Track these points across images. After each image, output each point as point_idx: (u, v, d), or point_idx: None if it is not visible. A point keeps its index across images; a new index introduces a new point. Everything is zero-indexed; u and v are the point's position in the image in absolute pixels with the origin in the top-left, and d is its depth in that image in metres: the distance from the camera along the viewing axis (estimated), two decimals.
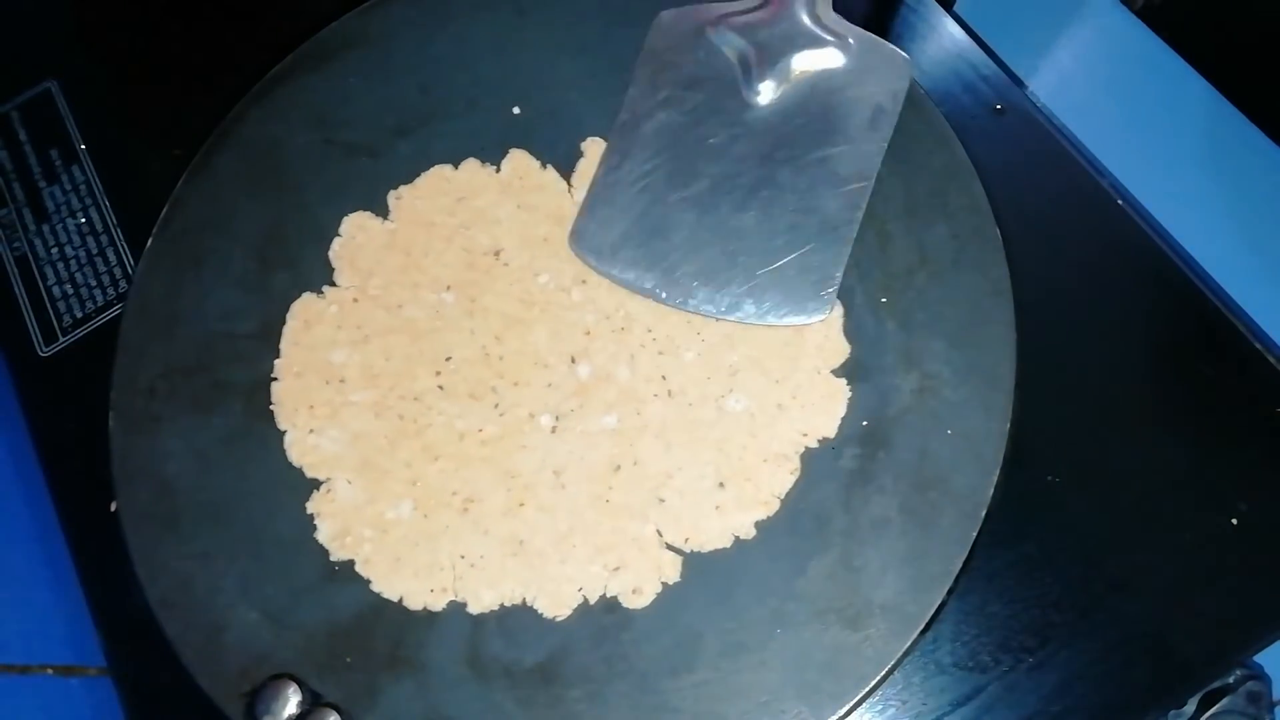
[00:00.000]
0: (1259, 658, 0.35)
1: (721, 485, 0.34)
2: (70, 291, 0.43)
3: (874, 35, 0.37)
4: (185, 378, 0.37)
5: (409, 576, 0.34)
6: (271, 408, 0.36)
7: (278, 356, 0.37)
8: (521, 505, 0.34)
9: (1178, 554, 0.34)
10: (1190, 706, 0.34)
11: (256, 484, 0.36)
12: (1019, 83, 0.42)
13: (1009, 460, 0.33)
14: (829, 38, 0.37)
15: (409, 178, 0.40)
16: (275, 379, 0.37)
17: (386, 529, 0.34)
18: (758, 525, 0.33)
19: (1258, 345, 0.36)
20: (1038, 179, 0.40)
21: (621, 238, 0.36)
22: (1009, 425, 0.33)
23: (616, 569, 0.33)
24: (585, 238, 0.37)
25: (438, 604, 0.33)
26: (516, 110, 0.40)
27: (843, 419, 0.34)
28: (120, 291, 0.43)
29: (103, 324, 0.42)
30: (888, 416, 0.34)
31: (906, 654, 0.31)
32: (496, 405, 0.35)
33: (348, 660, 0.33)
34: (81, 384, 0.41)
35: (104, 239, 0.44)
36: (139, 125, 0.47)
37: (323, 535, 0.35)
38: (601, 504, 0.34)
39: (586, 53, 0.41)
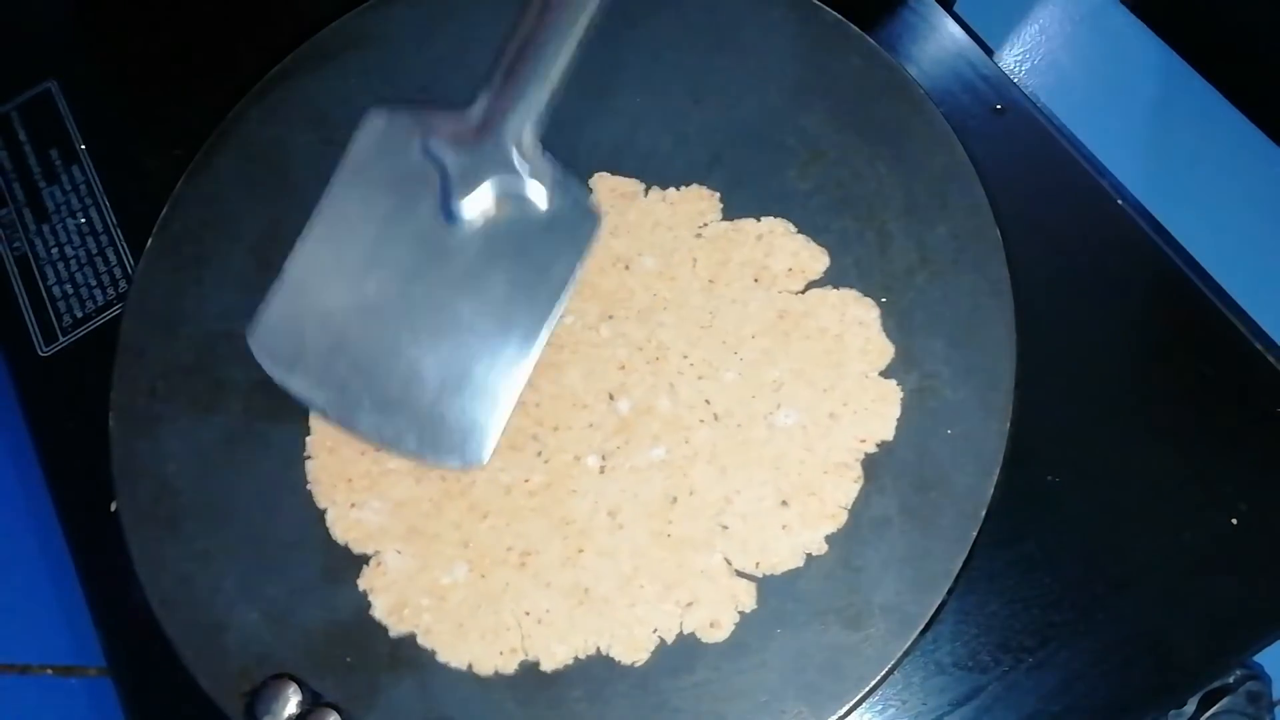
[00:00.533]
0: (1259, 658, 0.35)
1: (785, 503, 0.33)
2: (70, 291, 0.43)
3: (577, 183, 0.36)
4: (185, 378, 0.37)
5: (475, 641, 0.33)
6: (309, 487, 0.36)
7: (309, 434, 0.36)
8: (580, 551, 0.33)
9: (1178, 554, 0.34)
10: (1190, 706, 0.34)
11: (256, 484, 0.36)
12: (1019, 83, 0.42)
13: (1009, 460, 0.33)
14: (529, 174, 0.35)
15: None
16: (309, 457, 0.36)
17: (444, 595, 0.33)
18: (828, 539, 0.33)
19: (1258, 345, 0.36)
20: (1038, 179, 0.40)
21: (298, 346, 0.35)
22: (1009, 425, 0.33)
23: (690, 604, 0.32)
24: (262, 338, 0.35)
25: (509, 667, 0.32)
26: None
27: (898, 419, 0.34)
28: (120, 291, 0.43)
29: (103, 324, 0.42)
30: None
31: (906, 654, 0.31)
32: (540, 453, 0.35)
33: (348, 660, 0.33)
34: (81, 384, 0.41)
35: (104, 239, 0.44)
36: (139, 125, 0.47)
37: (379, 612, 0.33)
38: (663, 539, 0.33)
39: (587, 51, 0.41)
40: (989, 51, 0.42)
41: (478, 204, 0.35)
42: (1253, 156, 0.45)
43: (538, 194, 0.35)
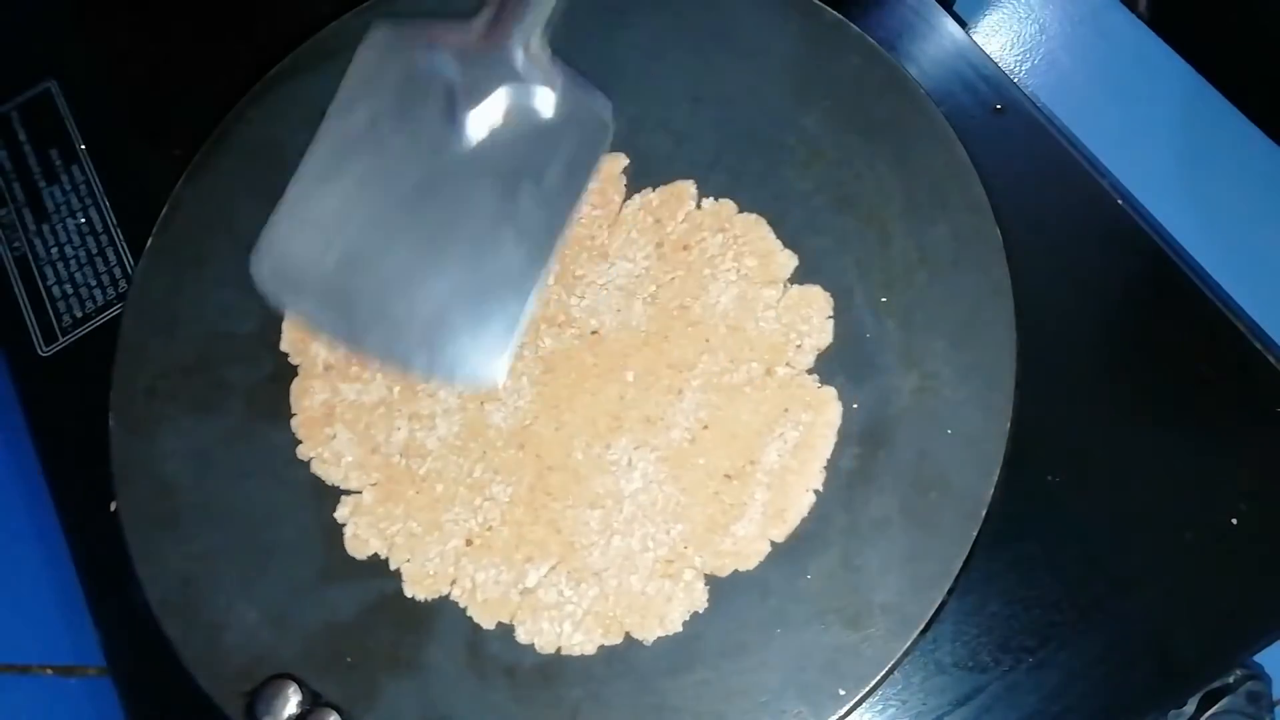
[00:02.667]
0: (1259, 658, 0.35)
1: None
2: (70, 291, 0.43)
3: (588, 85, 0.35)
4: (185, 378, 0.37)
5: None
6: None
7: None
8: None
9: (1178, 554, 0.34)
10: (1190, 706, 0.34)
11: (256, 484, 0.36)
12: (1019, 83, 0.42)
13: (1009, 460, 0.33)
14: (540, 79, 0.34)
15: None
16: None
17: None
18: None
19: (1258, 345, 0.36)
20: (1038, 179, 0.40)
21: (304, 268, 0.34)
22: (1009, 425, 0.33)
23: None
24: (267, 261, 0.34)
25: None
26: None
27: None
28: (120, 291, 0.43)
29: (103, 324, 0.42)
30: (888, 416, 0.34)
31: (906, 654, 0.31)
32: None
33: (348, 660, 0.33)
34: (81, 384, 0.41)
35: (104, 239, 0.44)
36: (139, 125, 0.47)
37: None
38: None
39: (585, 52, 0.41)
40: (988, 52, 0.42)
41: (486, 114, 0.34)
42: (1253, 156, 0.45)
43: (546, 101, 0.35)
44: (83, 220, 0.45)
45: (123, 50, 0.49)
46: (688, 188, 0.38)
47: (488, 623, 0.33)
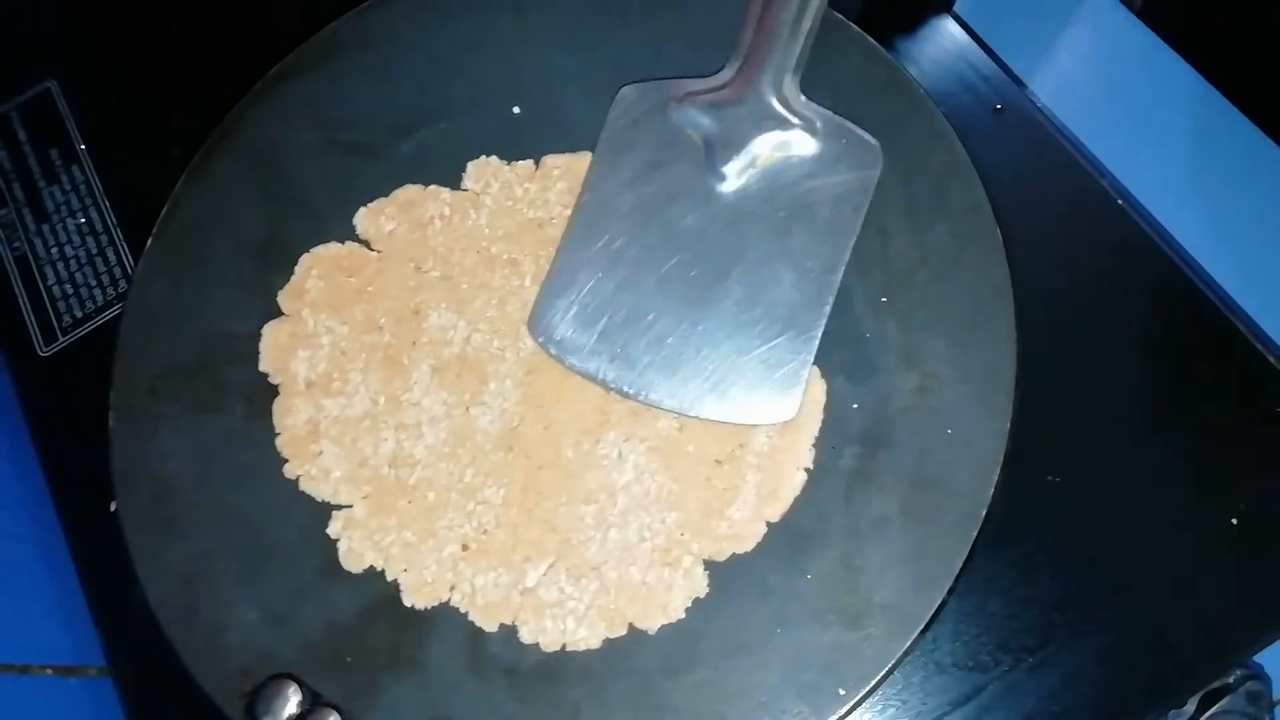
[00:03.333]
0: (1259, 658, 0.35)
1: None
2: (70, 291, 0.43)
3: (845, 121, 0.36)
4: (185, 378, 0.37)
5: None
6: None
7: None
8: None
9: (1178, 554, 0.34)
10: (1190, 706, 0.34)
11: (257, 484, 0.36)
12: (1019, 83, 0.42)
13: (1009, 460, 0.33)
14: (796, 121, 0.36)
15: (410, 179, 0.40)
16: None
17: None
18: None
19: (1258, 345, 0.36)
20: (1038, 179, 0.40)
21: (581, 326, 0.35)
22: (1009, 425, 0.33)
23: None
24: (543, 325, 0.35)
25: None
26: (516, 110, 0.40)
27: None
28: (120, 291, 0.43)
29: (103, 324, 0.42)
30: (888, 416, 0.34)
31: (906, 654, 0.31)
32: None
33: (348, 660, 0.33)
34: (81, 384, 0.41)
35: (104, 239, 0.44)
36: (139, 125, 0.47)
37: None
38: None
39: (586, 52, 0.41)
40: (989, 51, 0.42)
41: (747, 162, 0.35)
42: (1253, 156, 0.45)
43: (806, 143, 0.35)
44: (83, 220, 0.45)
45: (123, 50, 0.49)
46: None
47: (490, 625, 0.33)
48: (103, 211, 0.45)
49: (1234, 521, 0.34)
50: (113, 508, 0.36)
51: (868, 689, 0.31)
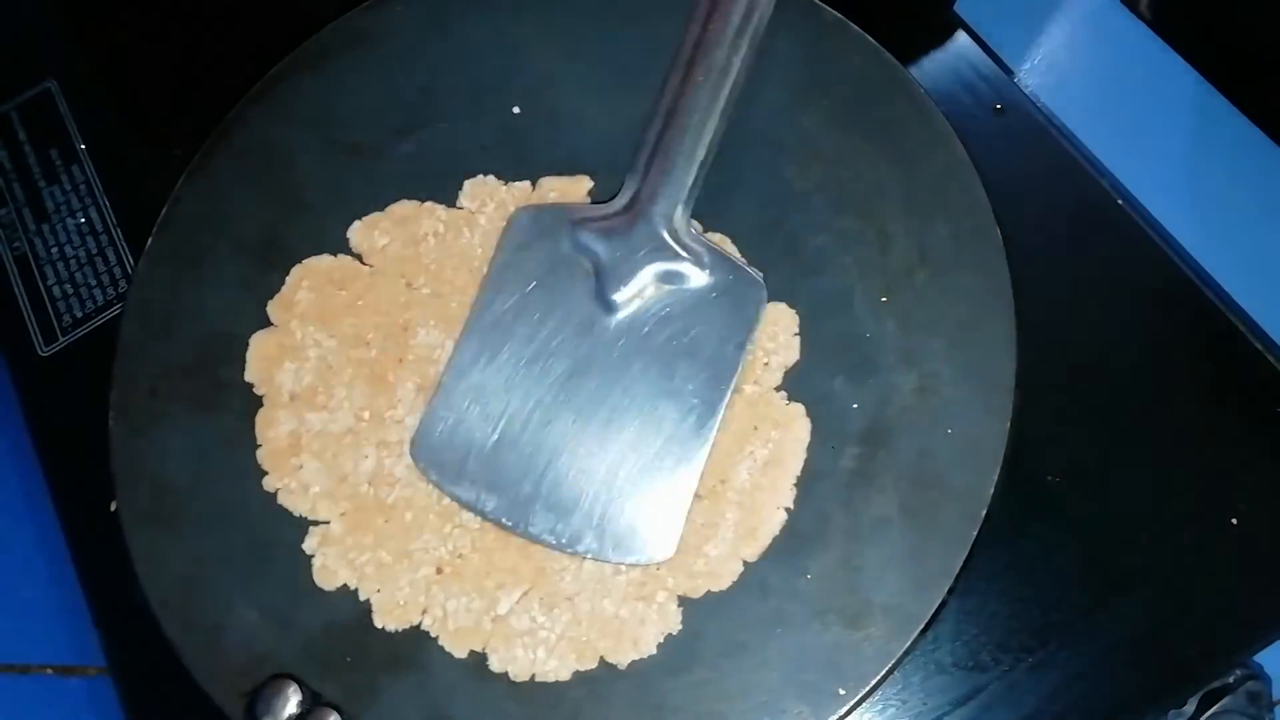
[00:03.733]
0: (1259, 658, 0.35)
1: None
2: (70, 291, 0.43)
3: (734, 258, 0.36)
4: (185, 378, 0.37)
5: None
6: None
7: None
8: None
9: (1178, 554, 0.34)
10: (1190, 706, 0.34)
11: (257, 484, 0.36)
12: (1019, 83, 0.42)
13: (1009, 460, 0.33)
14: (686, 255, 0.35)
15: (410, 180, 0.40)
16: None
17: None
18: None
19: (1258, 345, 0.36)
20: (1037, 178, 0.40)
21: (464, 452, 0.34)
22: (1009, 425, 0.33)
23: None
24: (426, 449, 0.35)
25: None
26: (516, 110, 0.40)
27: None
28: (120, 291, 0.43)
29: (103, 324, 0.42)
30: (888, 416, 0.34)
31: (906, 654, 0.31)
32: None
33: (348, 660, 0.33)
34: (81, 384, 0.41)
35: (104, 239, 0.44)
36: (139, 125, 0.47)
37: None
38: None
39: (586, 52, 0.41)
40: (989, 51, 0.42)
41: (635, 291, 0.35)
42: (1253, 156, 0.45)
43: (694, 275, 0.35)
44: (83, 220, 0.45)
45: (123, 50, 0.49)
46: None
47: (460, 651, 0.33)
48: (103, 211, 0.45)
49: (1234, 521, 0.34)
50: (113, 508, 0.36)
51: (868, 689, 0.31)
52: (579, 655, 0.32)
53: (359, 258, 0.38)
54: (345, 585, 0.34)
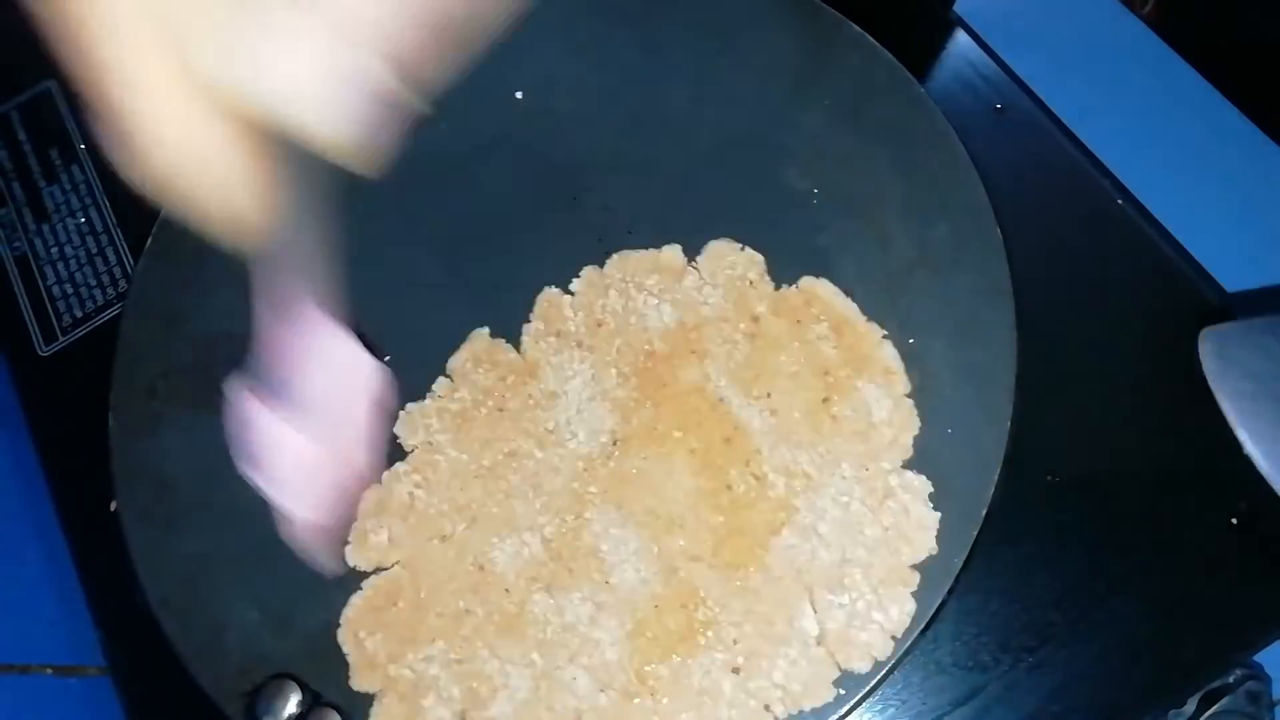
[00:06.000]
0: (1259, 658, 0.35)
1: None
2: (70, 291, 0.43)
3: None
4: (185, 378, 0.37)
5: None
6: None
7: None
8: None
9: (1178, 554, 0.34)
10: (1190, 706, 0.34)
11: None
12: (1019, 83, 0.42)
13: (1009, 460, 0.33)
14: None
15: (410, 179, 0.39)
16: None
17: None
18: None
19: None
20: (1038, 179, 0.40)
21: None
22: (1009, 425, 0.33)
23: None
24: None
25: None
26: (517, 100, 0.40)
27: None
28: (120, 291, 0.43)
29: (103, 324, 0.42)
30: None
31: (907, 654, 0.31)
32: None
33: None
34: (81, 384, 0.41)
35: (104, 239, 0.44)
36: None
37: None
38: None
39: (587, 51, 0.41)
40: (989, 51, 0.42)
41: None
42: (1253, 156, 0.45)
43: None
44: (83, 220, 0.45)
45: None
46: None
47: None
48: (103, 211, 0.45)
49: (1234, 521, 0.34)
50: (113, 508, 0.36)
51: (868, 689, 0.31)
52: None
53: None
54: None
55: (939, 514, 0.32)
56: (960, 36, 0.43)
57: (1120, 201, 0.39)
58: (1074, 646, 0.33)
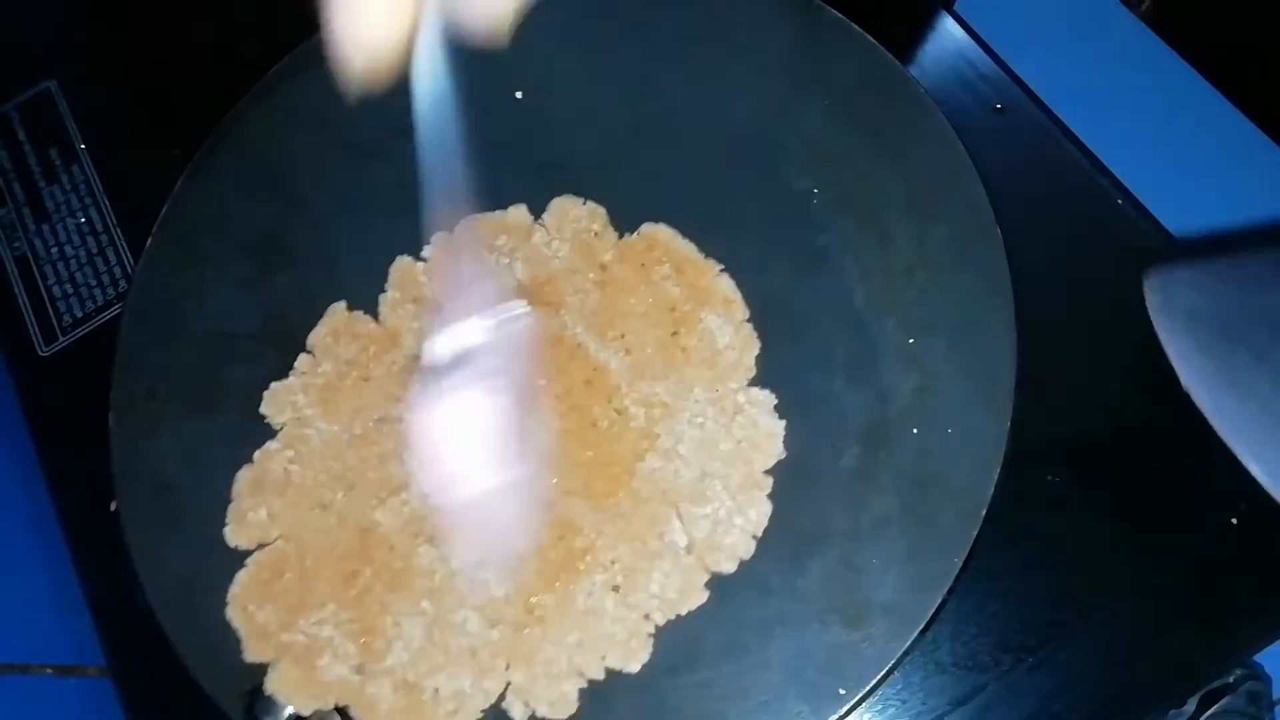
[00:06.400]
0: (1259, 658, 0.35)
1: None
2: (70, 291, 0.43)
3: None
4: (185, 378, 0.37)
5: None
6: None
7: None
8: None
9: (1178, 554, 0.34)
10: (1190, 706, 0.34)
11: None
12: (1019, 83, 0.42)
13: (1009, 460, 0.33)
14: None
15: (410, 179, 0.39)
16: None
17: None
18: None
19: None
20: (1038, 179, 0.40)
21: None
22: (1009, 425, 0.33)
23: None
24: None
25: None
26: (516, 110, 0.40)
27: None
28: (120, 291, 0.43)
29: (103, 324, 0.42)
30: (888, 416, 0.34)
31: (906, 654, 0.31)
32: None
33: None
34: (81, 384, 0.41)
35: (104, 239, 0.44)
36: (139, 125, 0.47)
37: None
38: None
39: (587, 51, 0.41)
40: (989, 51, 0.42)
41: None
42: (1252, 155, 0.45)
43: None
44: (83, 220, 0.45)
45: (123, 50, 0.49)
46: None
47: None
48: (103, 211, 0.45)
49: (1234, 521, 0.34)
50: (113, 508, 0.36)
51: (868, 689, 0.31)
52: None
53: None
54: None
55: (784, 421, 0.34)
56: (960, 36, 0.43)
57: (1120, 201, 0.39)
58: (1074, 646, 0.33)
